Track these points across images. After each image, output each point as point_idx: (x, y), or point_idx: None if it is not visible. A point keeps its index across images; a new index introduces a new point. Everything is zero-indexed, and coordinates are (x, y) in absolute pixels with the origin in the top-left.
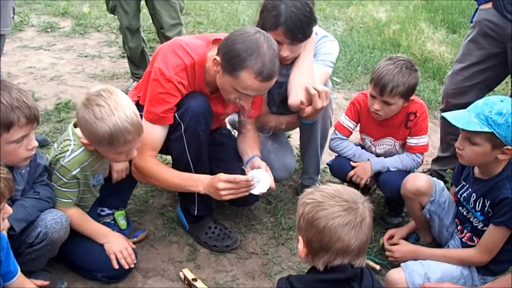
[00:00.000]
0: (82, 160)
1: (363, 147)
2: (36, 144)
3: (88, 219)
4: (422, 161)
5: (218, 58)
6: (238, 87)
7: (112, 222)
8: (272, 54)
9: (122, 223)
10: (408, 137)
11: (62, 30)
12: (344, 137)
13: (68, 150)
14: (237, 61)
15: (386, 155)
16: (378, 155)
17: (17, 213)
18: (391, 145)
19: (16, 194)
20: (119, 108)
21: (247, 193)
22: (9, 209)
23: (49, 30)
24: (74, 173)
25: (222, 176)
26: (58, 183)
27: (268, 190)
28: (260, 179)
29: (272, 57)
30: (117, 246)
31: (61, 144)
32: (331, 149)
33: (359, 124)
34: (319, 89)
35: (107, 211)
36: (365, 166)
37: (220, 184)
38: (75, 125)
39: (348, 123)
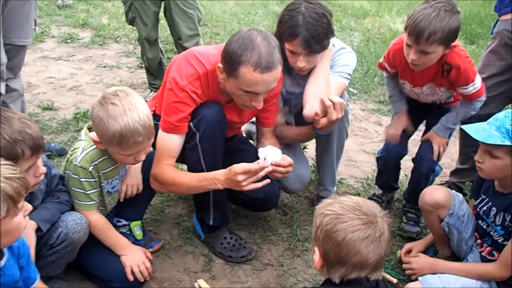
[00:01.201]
0: (93, 157)
1: (402, 92)
2: (44, 170)
3: (111, 228)
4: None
5: (220, 65)
6: (243, 85)
7: (128, 232)
8: (267, 45)
9: (138, 233)
10: (457, 88)
11: (81, 41)
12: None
13: (79, 147)
14: (234, 59)
15: (428, 97)
16: (419, 99)
17: (42, 215)
18: (432, 89)
19: (36, 205)
20: (133, 109)
21: (264, 174)
22: (28, 206)
23: (68, 41)
24: (89, 169)
25: (237, 169)
26: (75, 185)
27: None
28: (270, 153)
29: (268, 48)
30: (135, 260)
31: (73, 145)
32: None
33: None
34: (334, 100)
35: (124, 221)
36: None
37: (240, 176)
38: (89, 129)
39: (387, 67)
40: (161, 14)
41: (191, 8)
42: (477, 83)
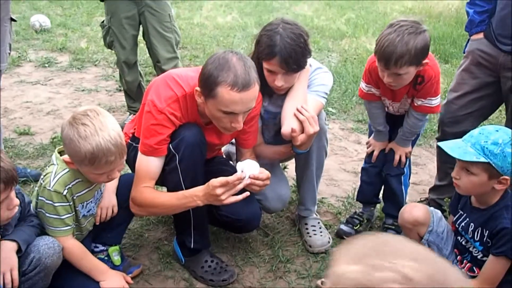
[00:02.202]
0: (66, 180)
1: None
2: (17, 202)
3: (88, 254)
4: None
5: (198, 88)
6: (221, 106)
7: (106, 258)
8: (243, 65)
9: (116, 259)
10: (415, 98)
11: (59, 65)
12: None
13: (51, 172)
14: (211, 80)
15: (401, 108)
16: (393, 111)
17: (20, 235)
18: (405, 100)
19: (9, 233)
20: (104, 128)
21: (243, 187)
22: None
23: (46, 65)
24: (63, 193)
25: (215, 182)
26: (50, 211)
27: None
28: (248, 167)
29: (244, 67)
30: (114, 285)
31: (45, 171)
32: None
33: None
34: (306, 114)
35: (101, 247)
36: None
37: (218, 190)
38: (59, 152)
39: (372, 88)
40: (140, 37)
41: (169, 31)
42: (436, 101)
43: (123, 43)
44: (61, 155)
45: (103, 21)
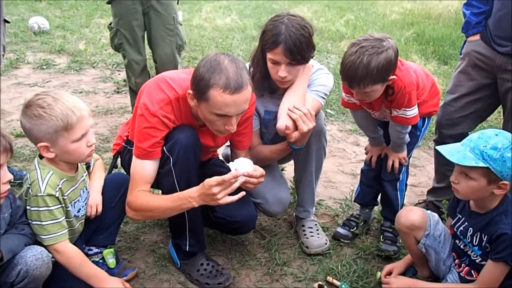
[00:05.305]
0: (55, 181)
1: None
2: (11, 177)
3: (88, 260)
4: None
5: (190, 91)
6: (214, 109)
7: (101, 261)
8: (235, 67)
9: (111, 261)
10: (392, 109)
11: (57, 67)
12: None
13: (37, 179)
14: (203, 83)
15: (386, 116)
16: (379, 119)
17: (5, 244)
18: (385, 112)
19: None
20: (59, 96)
21: (238, 185)
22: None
23: (44, 67)
24: (56, 195)
25: (211, 181)
26: (46, 218)
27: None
28: (242, 165)
29: (236, 69)
30: None
31: (27, 180)
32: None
33: None
34: (303, 110)
35: (95, 249)
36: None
37: (215, 189)
38: (40, 157)
39: (350, 98)
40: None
41: (171, 34)
42: (411, 112)
43: (133, 45)
44: (41, 159)
45: (110, 23)
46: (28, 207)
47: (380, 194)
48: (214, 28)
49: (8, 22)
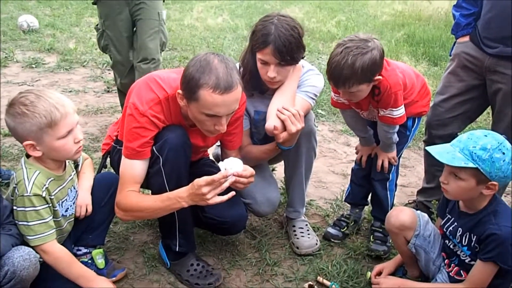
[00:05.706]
0: (41, 181)
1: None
2: None
3: (76, 260)
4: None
5: (180, 91)
6: (204, 109)
7: (90, 261)
8: (225, 67)
9: (100, 262)
10: (379, 108)
11: (47, 65)
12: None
13: (23, 179)
14: (193, 83)
15: (375, 116)
16: (368, 118)
17: None
18: (373, 112)
19: None
20: (42, 93)
21: (228, 185)
22: None
23: (33, 65)
24: (43, 195)
25: (200, 181)
26: (33, 218)
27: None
28: (231, 165)
29: (225, 69)
30: None
31: (14, 180)
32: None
33: None
34: (291, 111)
35: (84, 250)
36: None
37: (204, 189)
38: (27, 156)
39: (339, 98)
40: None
41: (155, 31)
42: (398, 112)
43: (119, 46)
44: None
45: (97, 25)
46: (14, 207)
47: (370, 194)
48: (205, 27)
49: None
